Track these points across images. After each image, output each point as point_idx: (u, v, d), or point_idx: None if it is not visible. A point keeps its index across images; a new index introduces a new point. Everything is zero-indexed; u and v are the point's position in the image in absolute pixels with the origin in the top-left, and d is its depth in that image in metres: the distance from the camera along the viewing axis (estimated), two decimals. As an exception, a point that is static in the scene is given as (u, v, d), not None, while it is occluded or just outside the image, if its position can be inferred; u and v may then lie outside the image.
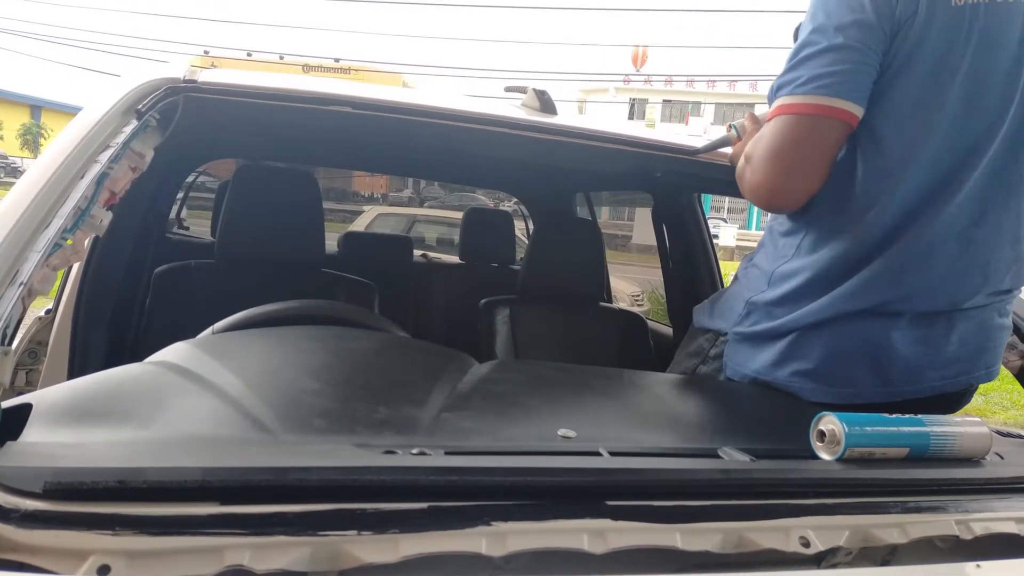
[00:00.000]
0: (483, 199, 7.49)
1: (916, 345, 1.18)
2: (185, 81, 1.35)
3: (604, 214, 7.50)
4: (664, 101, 46.27)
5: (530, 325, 2.22)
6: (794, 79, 1.10)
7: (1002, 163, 1.13)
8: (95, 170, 1.06)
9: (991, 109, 1.11)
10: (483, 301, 2.30)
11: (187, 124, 1.36)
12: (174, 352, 0.93)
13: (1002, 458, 0.92)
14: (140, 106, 1.24)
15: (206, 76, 1.41)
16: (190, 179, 3.31)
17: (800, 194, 1.16)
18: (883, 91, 1.11)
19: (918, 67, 1.08)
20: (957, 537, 0.78)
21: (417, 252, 3.75)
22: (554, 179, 2.96)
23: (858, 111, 1.09)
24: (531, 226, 3.76)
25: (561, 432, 0.84)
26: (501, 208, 4.89)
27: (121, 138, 1.17)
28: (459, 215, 3.66)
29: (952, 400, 1.25)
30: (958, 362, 1.21)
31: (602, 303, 2.51)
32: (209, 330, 1.17)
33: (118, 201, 1.24)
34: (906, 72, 1.09)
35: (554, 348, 2.20)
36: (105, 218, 1.13)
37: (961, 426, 0.89)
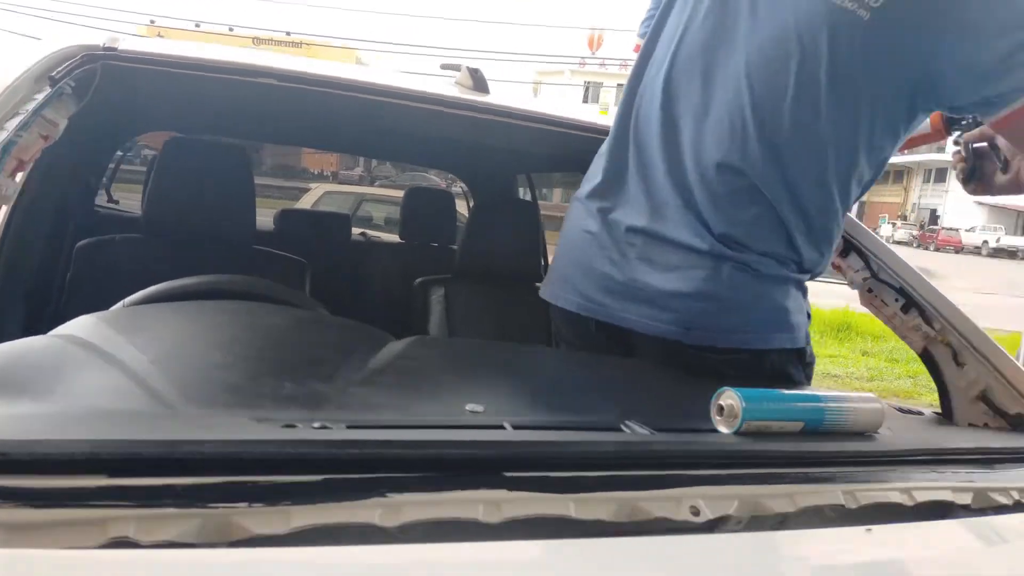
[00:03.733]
0: (435, 179, 7.41)
1: (611, 264, 1.23)
2: (104, 49, 1.32)
3: (556, 196, 7.50)
4: (619, 85, 46.39)
5: (464, 304, 2.22)
6: None
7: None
8: (1, 137, 1.03)
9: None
10: (418, 280, 2.29)
11: (108, 93, 1.33)
12: (78, 325, 0.91)
13: (892, 432, 0.96)
14: (54, 73, 1.21)
15: (127, 44, 1.38)
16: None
17: None
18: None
19: None
20: (843, 506, 0.81)
21: (357, 230, 3.70)
22: (491, 159, 2.95)
23: None
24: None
25: (469, 407, 0.85)
26: (451, 188, 4.85)
27: (32, 105, 1.14)
28: (409, 194, 3.61)
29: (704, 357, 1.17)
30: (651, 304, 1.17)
31: (538, 283, 2.52)
32: (120, 304, 1.15)
33: (29, 170, 1.21)
34: None
35: (488, 328, 2.21)
36: (10, 187, 1.10)
37: (855, 402, 0.93)
